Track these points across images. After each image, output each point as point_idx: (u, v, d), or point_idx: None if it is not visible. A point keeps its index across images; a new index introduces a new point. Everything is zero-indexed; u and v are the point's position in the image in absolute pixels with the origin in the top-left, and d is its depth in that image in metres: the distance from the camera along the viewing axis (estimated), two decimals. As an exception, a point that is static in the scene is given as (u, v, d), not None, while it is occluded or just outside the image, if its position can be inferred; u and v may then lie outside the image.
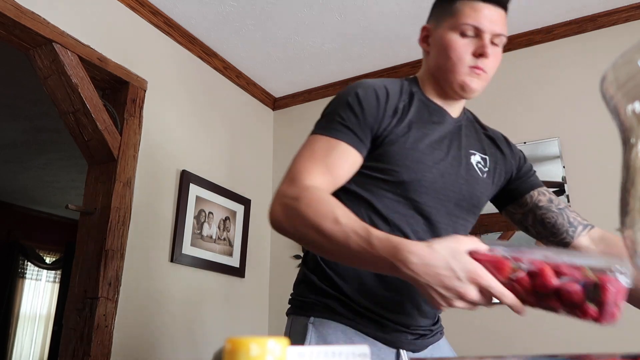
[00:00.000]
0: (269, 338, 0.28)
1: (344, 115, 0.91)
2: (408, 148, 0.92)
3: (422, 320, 0.95)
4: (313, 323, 0.90)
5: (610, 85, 0.39)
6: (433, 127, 0.98)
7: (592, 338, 1.96)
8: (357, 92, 0.93)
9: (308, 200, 0.80)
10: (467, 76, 0.95)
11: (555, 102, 2.30)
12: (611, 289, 0.56)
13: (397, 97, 0.96)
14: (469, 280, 0.65)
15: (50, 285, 6.05)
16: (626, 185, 0.40)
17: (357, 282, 0.90)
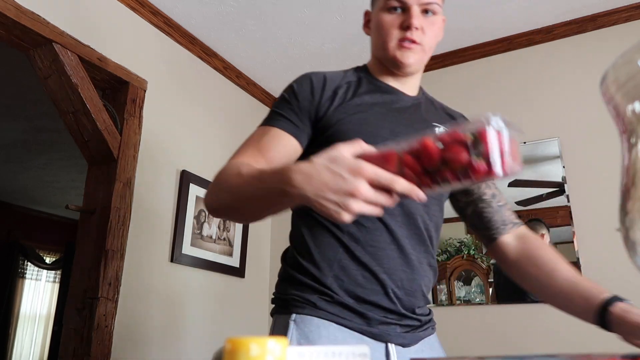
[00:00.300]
0: (269, 338, 0.28)
1: (279, 107, 0.94)
2: (360, 123, 0.92)
3: (406, 306, 0.90)
4: (295, 321, 0.87)
5: (610, 85, 0.39)
6: (388, 104, 0.98)
7: (592, 338, 1.96)
8: (292, 84, 0.97)
9: (222, 172, 0.84)
10: (397, 51, 0.96)
11: (555, 102, 2.30)
12: (490, 136, 0.55)
13: (337, 81, 0.97)
14: (354, 175, 0.61)
15: (50, 285, 6.05)
16: (626, 185, 0.40)
17: (334, 270, 0.88)
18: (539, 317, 2.07)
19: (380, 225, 0.89)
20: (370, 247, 0.88)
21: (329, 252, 0.89)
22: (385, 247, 0.89)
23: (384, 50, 0.98)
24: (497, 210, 1.05)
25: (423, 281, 0.93)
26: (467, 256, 2.31)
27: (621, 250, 2.00)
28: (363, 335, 0.86)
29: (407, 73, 1.00)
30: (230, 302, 2.49)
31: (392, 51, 0.96)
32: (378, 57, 1.02)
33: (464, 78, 2.56)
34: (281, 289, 0.94)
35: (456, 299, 2.30)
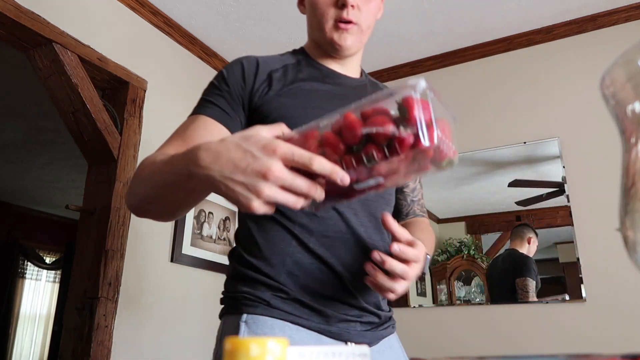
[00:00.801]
0: (269, 338, 0.28)
1: (208, 93, 0.90)
2: (303, 107, 0.86)
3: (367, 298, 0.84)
4: (246, 322, 0.78)
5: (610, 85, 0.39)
6: (331, 88, 0.92)
7: (592, 338, 1.96)
8: (222, 71, 0.91)
9: (139, 165, 0.78)
10: (335, 32, 0.90)
11: (555, 102, 2.30)
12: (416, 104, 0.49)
13: (272, 64, 0.91)
14: (266, 153, 0.54)
15: (50, 285, 6.05)
16: (626, 185, 0.40)
17: (287, 265, 0.81)
18: (538, 317, 2.07)
19: (334, 214, 0.83)
20: (324, 237, 0.82)
21: (280, 246, 0.82)
22: (340, 237, 0.83)
23: (320, 32, 0.92)
24: (408, 204, 1.04)
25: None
26: (467, 256, 2.31)
27: (621, 250, 2.01)
28: (322, 334, 0.80)
29: (346, 55, 0.95)
30: (230, 302, 2.49)
31: (328, 33, 0.91)
32: (314, 38, 0.96)
33: (464, 78, 2.56)
34: (230, 287, 0.86)
35: (456, 299, 2.30)
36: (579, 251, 2.07)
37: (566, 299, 2.07)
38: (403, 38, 2.48)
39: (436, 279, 2.36)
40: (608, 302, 1.96)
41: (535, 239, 2.19)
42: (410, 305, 2.34)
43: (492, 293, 2.23)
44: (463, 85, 2.55)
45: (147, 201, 0.75)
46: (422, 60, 2.64)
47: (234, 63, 0.91)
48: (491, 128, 2.41)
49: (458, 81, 2.57)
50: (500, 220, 2.28)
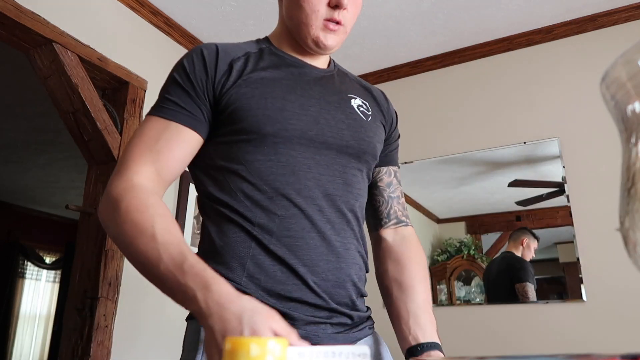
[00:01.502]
0: (269, 338, 0.28)
1: (172, 91, 0.83)
2: (264, 97, 0.82)
3: (336, 299, 0.80)
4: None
5: (610, 85, 0.39)
6: (295, 77, 0.88)
7: (592, 338, 1.96)
8: (182, 62, 0.85)
9: (128, 206, 0.71)
10: (321, 31, 0.86)
11: (555, 102, 2.30)
12: None
13: (233, 53, 0.86)
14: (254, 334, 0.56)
15: (50, 285, 6.05)
16: (626, 185, 0.40)
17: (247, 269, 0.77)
18: (538, 317, 2.07)
19: (296, 211, 0.79)
20: (286, 237, 0.78)
21: (239, 249, 0.78)
22: (303, 236, 0.79)
23: (306, 27, 0.87)
24: (386, 200, 0.97)
25: (352, 269, 0.83)
26: (467, 256, 2.32)
27: (621, 250, 2.00)
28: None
29: (324, 54, 0.92)
30: (230, 302, 2.49)
31: (314, 31, 0.86)
32: (292, 31, 0.91)
33: (464, 78, 2.56)
34: None
35: (456, 299, 2.30)
36: (579, 251, 2.07)
37: (566, 299, 2.07)
38: (403, 38, 2.48)
39: (436, 279, 2.36)
40: (608, 302, 1.96)
41: (530, 241, 2.19)
42: (410, 305, 2.34)
43: (489, 295, 2.24)
44: (463, 85, 2.55)
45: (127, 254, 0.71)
46: (422, 60, 2.64)
47: (194, 54, 0.85)
48: (491, 128, 2.41)
49: (458, 81, 2.57)
50: (500, 220, 2.28)
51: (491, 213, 2.31)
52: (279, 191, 0.79)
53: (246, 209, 0.79)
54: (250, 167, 0.80)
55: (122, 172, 0.77)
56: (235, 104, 0.81)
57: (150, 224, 0.68)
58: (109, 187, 0.76)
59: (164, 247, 0.66)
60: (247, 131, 0.80)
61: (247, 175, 0.80)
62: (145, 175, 0.76)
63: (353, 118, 0.89)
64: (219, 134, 0.83)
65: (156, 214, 0.70)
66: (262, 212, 0.78)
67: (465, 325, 2.21)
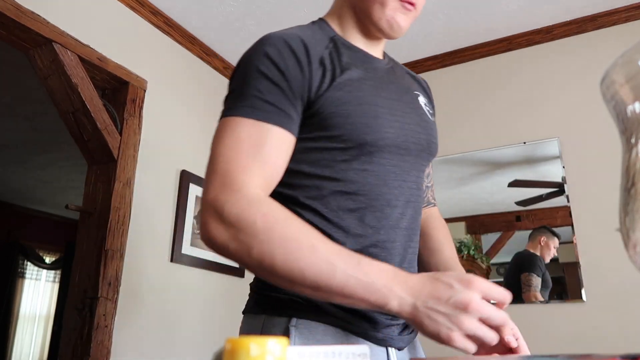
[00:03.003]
0: (269, 338, 0.28)
1: (261, 88, 0.72)
2: (359, 104, 0.76)
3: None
4: (296, 326, 0.72)
5: (610, 85, 0.39)
6: (372, 75, 0.83)
7: (592, 338, 1.96)
8: (267, 53, 0.74)
9: (266, 223, 0.63)
10: (398, 11, 0.81)
11: (555, 102, 2.30)
12: None
13: (318, 48, 0.78)
14: (465, 285, 0.57)
15: (50, 285, 6.05)
16: (626, 185, 0.40)
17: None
18: (538, 317, 2.07)
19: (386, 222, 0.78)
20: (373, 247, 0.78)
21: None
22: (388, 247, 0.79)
23: (381, 7, 0.81)
24: (424, 190, 0.97)
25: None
26: (467, 256, 2.31)
27: (621, 250, 2.01)
28: (368, 340, 0.76)
29: (394, 38, 0.86)
30: (230, 302, 2.49)
31: (390, 11, 0.81)
32: (361, 12, 0.85)
33: (464, 78, 2.56)
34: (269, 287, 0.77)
35: (456, 299, 2.29)
36: (579, 251, 2.07)
37: (566, 299, 2.07)
38: (403, 38, 2.48)
39: (436, 279, 2.35)
40: (608, 303, 1.96)
41: (548, 239, 2.17)
42: (410, 305, 2.33)
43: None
44: (463, 85, 2.55)
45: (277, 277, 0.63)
46: (422, 60, 2.64)
47: (281, 46, 0.74)
48: (491, 128, 2.41)
49: (458, 81, 2.57)
50: (500, 220, 2.28)
51: (491, 213, 2.31)
52: (372, 202, 0.77)
53: (340, 218, 0.76)
54: (345, 176, 0.76)
55: (232, 183, 0.66)
56: (331, 110, 0.74)
57: (303, 235, 0.63)
58: (219, 204, 0.65)
59: (331, 255, 0.61)
60: (343, 139, 0.75)
61: (342, 185, 0.76)
62: (258, 185, 0.68)
63: (425, 120, 0.87)
64: (308, 137, 0.77)
65: (299, 223, 0.65)
66: (357, 222, 0.76)
67: (465, 325, 2.21)
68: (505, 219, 2.27)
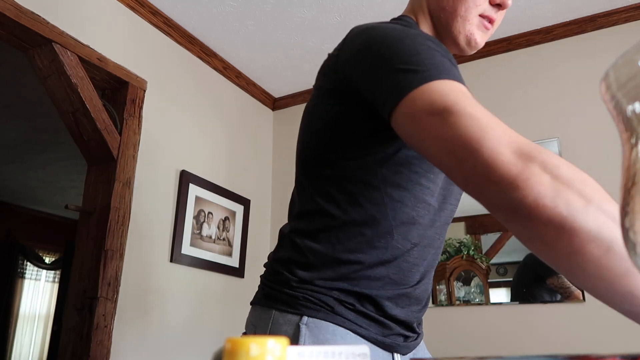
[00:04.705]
0: (269, 338, 0.28)
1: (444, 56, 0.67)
2: None
3: (419, 315, 0.84)
4: (307, 325, 0.73)
5: (610, 85, 0.39)
6: None
7: (592, 338, 1.96)
8: (419, 32, 0.71)
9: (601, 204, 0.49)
10: (476, 27, 0.81)
11: (555, 102, 2.30)
12: None
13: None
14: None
15: (49, 285, 6.05)
16: (626, 185, 0.40)
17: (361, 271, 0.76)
18: (539, 317, 2.07)
19: (420, 240, 0.79)
20: (405, 262, 0.78)
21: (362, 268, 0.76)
22: (418, 263, 0.80)
23: (462, 21, 0.80)
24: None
25: (431, 294, 0.88)
26: (467, 256, 2.31)
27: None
28: (376, 345, 0.77)
29: (468, 54, 0.85)
30: (230, 302, 2.49)
31: (470, 26, 0.80)
32: (440, 21, 0.83)
33: (464, 78, 2.56)
34: (284, 279, 0.78)
35: (456, 299, 2.30)
36: (578, 251, 2.07)
37: (566, 299, 2.07)
38: (403, 38, 2.48)
39: (436, 279, 2.36)
40: (608, 303, 1.96)
41: None
42: (410, 305, 2.34)
43: (514, 294, 2.20)
44: (463, 86, 2.55)
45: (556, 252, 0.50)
46: (422, 61, 2.64)
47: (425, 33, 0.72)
48: (491, 128, 2.41)
49: (458, 81, 2.57)
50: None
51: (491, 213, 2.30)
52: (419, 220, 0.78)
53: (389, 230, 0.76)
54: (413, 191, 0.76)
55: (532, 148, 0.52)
56: None
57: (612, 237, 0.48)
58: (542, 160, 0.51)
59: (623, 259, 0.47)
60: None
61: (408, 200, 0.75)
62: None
63: None
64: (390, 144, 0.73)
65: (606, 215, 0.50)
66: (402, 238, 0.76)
67: (465, 326, 2.21)
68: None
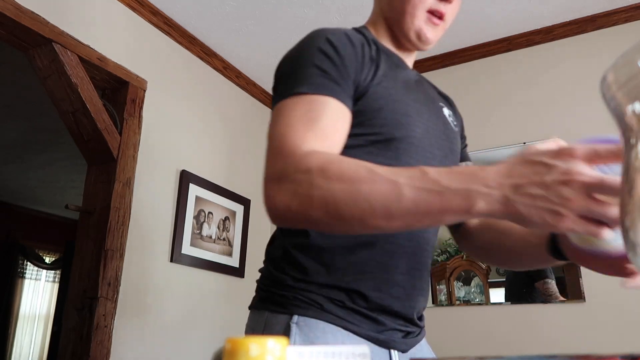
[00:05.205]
0: (269, 338, 0.28)
1: (320, 65, 0.72)
2: (394, 100, 0.78)
3: (416, 305, 0.82)
4: (297, 323, 0.73)
5: (610, 85, 0.39)
6: (403, 78, 0.85)
7: (592, 338, 1.96)
8: (327, 37, 0.75)
9: (323, 164, 0.59)
10: (424, 23, 0.84)
11: (555, 102, 2.30)
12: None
13: (366, 46, 0.81)
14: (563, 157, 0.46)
15: (49, 285, 6.05)
16: (626, 185, 0.40)
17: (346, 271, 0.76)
18: (539, 317, 2.07)
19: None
20: (388, 244, 0.77)
21: (343, 253, 0.76)
22: (404, 244, 0.78)
23: (409, 18, 0.84)
24: None
25: (427, 283, 0.86)
26: (467, 256, 2.31)
27: (621, 250, 1.95)
28: (370, 341, 0.76)
29: (423, 49, 0.88)
30: (230, 302, 2.49)
31: (417, 23, 0.84)
32: (392, 23, 0.87)
33: (464, 78, 2.56)
34: (276, 280, 0.78)
35: (456, 299, 2.30)
36: (578, 251, 2.07)
37: (566, 299, 2.07)
38: (403, 38, 2.48)
39: (436, 279, 2.36)
40: (608, 302, 1.96)
41: None
42: (410, 305, 2.34)
43: (509, 296, 2.21)
44: (463, 86, 2.55)
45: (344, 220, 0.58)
46: (422, 60, 2.64)
47: (339, 34, 0.76)
48: (491, 128, 2.41)
49: (458, 81, 2.57)
50: (500, 220, 2.29)
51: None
52: None
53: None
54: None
55: (288, 151, 0.64)
56: (366, 101, 0.75)
57: (359, 165, 0.58)
58: (278, 172, 0.63)
59: (392, 174, 0.55)
60: (374, 133, 0.76)
61: None
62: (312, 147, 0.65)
63: (449, 129, 0.89)
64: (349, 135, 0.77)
65: (353, 159, 0.60)
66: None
67: (465, 326, 2.21)
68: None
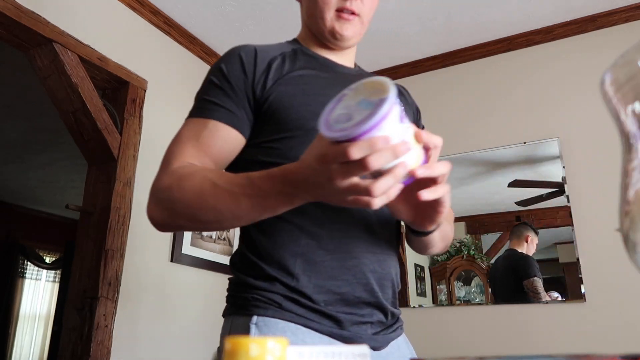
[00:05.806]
0: (269, 338, 0.28)
1: (209, 92, 0.83)
2: (306, 94, 0.83)
3: (380, 292, 0.81)
4: (256, 324, 0.75)
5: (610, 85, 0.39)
6: (330, 74, 0.89)
7: (592, 338, 1.96)
8: (219, 65, 0.85)
9: (179, 181, 0.72)
10: (335, 22, 0.89)
11: (555, 102, 2.30)
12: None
13: (271, 53, 0.87)
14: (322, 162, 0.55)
15: (50, 285, 6.05)
16: (626, 185, 0.40)
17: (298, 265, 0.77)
18: (538, 317, 2.07)
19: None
20: (336, 231, 0.79)
21: (290, 247, 0.78)
22: (350, 228, 0.79)
23: (320, 20, 0.89)
24: None
25: (393, 269, 0.85)
26: (467, 256, 2.31)
27: (621, 250, 2.01)
28: (333, 338, 0.76)
29: (344, 47, 0.93)
30: (230, 302, 2.49)
31: (329, 22, 0.89)
32: (311, 28, 0.93)
33: (464, 78, 2.56)
34: (237, 287, 0.81)
35: (456, 299, 2.30)
36: (579, 251, 2.07)
37: (566, 299, 2.07)
38: (403, 38, 2.48)
39: (436, 279, 2.36)
40: (608, 302, 1.96)
41: (533, 237, 2.19)
42: (410, 305, 2.34)
43: (495, 294, 2.23)
44: (463, 86, 2.55)
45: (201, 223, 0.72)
46: (422, 60, 2.64)
47: (231, 56, 0.85)
48: (491, 128, 2.41)
49: (458, 81, 2.57)
50: (500, 220, 2.28)
51: (491, 213, 2.31)
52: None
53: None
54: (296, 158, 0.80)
55: (166, 168, 0.77)
56: (277, 103, 0.82)
57: (204, 179, 0.69)
58: (153, 188, 0.76)
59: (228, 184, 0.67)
60: (290, 128, 0.81)
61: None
62: (185, 161, 0.77)
63: None
64: (262, 135, 0.83)
65: (204, 170, 0.72)
66: (313, 205, 0.73)
67: (465, 326, 2.21)
68: (505, 219, 2.27)
